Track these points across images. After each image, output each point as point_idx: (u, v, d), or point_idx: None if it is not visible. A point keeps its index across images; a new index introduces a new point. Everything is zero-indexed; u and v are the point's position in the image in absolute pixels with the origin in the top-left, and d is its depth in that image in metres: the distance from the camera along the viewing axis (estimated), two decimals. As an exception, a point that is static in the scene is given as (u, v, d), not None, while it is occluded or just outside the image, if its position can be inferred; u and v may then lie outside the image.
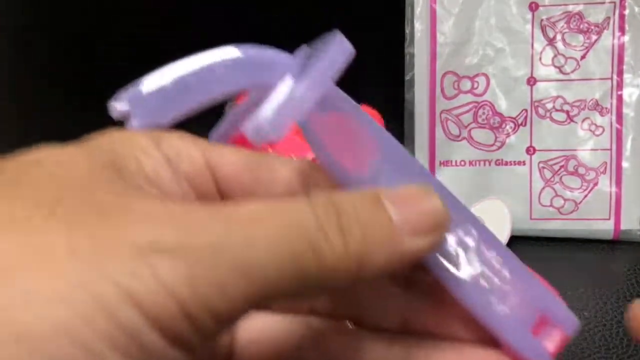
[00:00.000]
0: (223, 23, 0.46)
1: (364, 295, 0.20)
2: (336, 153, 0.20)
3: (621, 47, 0.41)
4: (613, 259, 0.40)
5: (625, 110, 0.41)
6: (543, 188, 0.41)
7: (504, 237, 0.40)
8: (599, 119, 0.41)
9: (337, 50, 0.20)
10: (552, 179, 0.41)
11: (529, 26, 0.41)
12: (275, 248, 0.14)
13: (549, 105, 0.41)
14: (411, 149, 0.43)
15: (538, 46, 0.41)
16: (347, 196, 0.16)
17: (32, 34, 0.50)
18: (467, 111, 0.42)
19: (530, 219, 0.41)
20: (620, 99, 0.41)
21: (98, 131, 0.18)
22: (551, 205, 0.41)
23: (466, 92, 0.42)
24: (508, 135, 0.42)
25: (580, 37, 0.41)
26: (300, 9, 0.46)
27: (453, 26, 0.42)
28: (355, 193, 0.16)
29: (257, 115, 0.17)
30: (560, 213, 0.41)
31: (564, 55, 0.41)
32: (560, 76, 0.41)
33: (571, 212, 0.41)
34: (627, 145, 0.41)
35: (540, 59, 0.41)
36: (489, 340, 0.19)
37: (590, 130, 0.41)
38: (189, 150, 0.18)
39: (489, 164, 0.42)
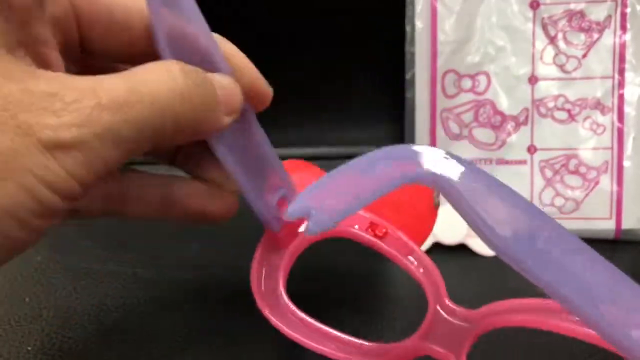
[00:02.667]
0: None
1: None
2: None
3: (623, 46, 0.40)
4: (614, 259, 0.40)
5: (626, 109, 0.41)
6: (544, 187, 0.41)
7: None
8: (600, 118, 0.41)
9: None
10: (553, 178, 0.41)
11: (530, 24, 0.41)
12: (150, 121, 0.20)
13: (550, 104, 0.41)
14: (412, 147, 0.43)
15: (539, 44, 0.41)
16: (196, 78, 0.21)
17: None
18: (468, 110, 0.42)
19: (531, 218, 0.41)
20: (621, 97, 0.41)
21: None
22: (552, 205, 0.41)
23: (467, 91, 0.42)
24: (509, 134, 0.42)
25: (582, 36, 0.41)
26: (300, 8, 0.45)
27: (454, 24, 0.42)
28: (198, 76, 0.21)
29: None
30: (561, 212, 0.41)
31: (565, 54, 0.41)
32: (562, 75, 0.41)
33: (572, 211, 0.41)
34: (629, 144, 0.41)
35: (541, 57, 0.41)
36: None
37: (592, 129, 0.41)
38: None
39: (490, 163, 0.42)
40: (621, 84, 0.41)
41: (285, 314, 0.27)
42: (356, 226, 0.28)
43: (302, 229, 0.28)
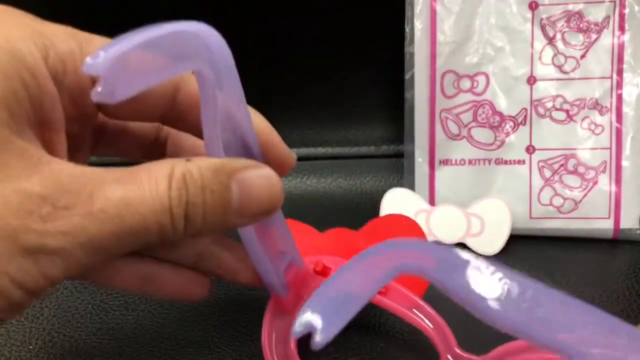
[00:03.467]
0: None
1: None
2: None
3: (621, 46, 0.41)
4: (613, 258, 0.40)
5: (625, 109, 0.41)
6: (543, 187, 0.41)
7: (503, 236, 0.40)
8: (598, 118, 0.41)
9: None
10: (551, 178, 0.41)
11: (529, 25, 0.41)
12: (132, 233, 0.19)
13: (549, 104, 0.41)
14: (411, 148, 0.43)
15: (538, 45, 0.41)
16: (201, 180, 0.20)
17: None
18: (467, 110, 0.42)
19: (530, 218, 0.41)
20: (620, 98, 0.41)
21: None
22: (551, 204, 0.41)
23: (466, 91, 0.42)
24: (508, 134, 0.42)
25: (580, 36, 0.41)
26: (299, 8, 0.46)
27: (453, 25, 0.42)
28: (211, 174, 0.20)
29: None
30: (560, 212, 0.41)
31: (563, 54, 0.41)
32: (560, 75, 0.41)
33: (571, 211, 0.41)
34: (627, 144, 0.41)
35: (540, 58, 0.41)
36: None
37: (590, 129, 0.41)
38: (75, 62, 0.21)
39: (489, 163, 0.42)
40: (619, 85, 0.41)
41: None
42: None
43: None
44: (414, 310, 0.28)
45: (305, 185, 0.47)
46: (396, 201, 0.41)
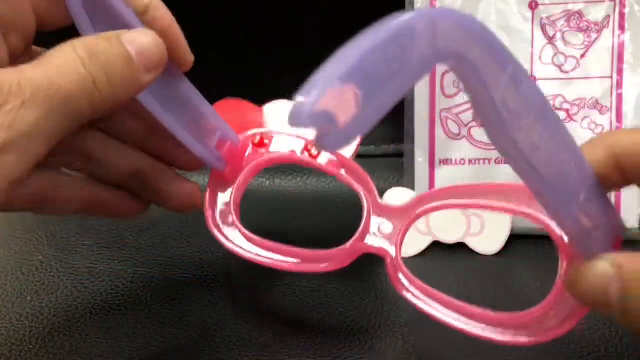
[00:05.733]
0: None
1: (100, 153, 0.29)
2: None
3: (621, 46, 0.41)
4: (613, 258, 0.40)
5: (625, 108, 0.41)
6: (543, 187, 0.41)
7: (503, 236, 0.40)
8: (599, 118, 0.41)
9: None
10: (551, 178, 0.41)
11: (529, 25, 0.41)
12: (68, 111, 0.21)
13: (549, 104, 0.41)
14: (411, 147, 0.43)
15: (538, 45, 0.41)
16: (98, 46, 0.23)
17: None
18: (467, 110, 0.42)
19: (530, 217, 0.41)
20: (620, 97, 0.41)
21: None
22: (551, 204, 0.41)
23: (466, 91, 0.42)
24: (508, 133, 0.42)
25: (580, 36, 0.41)
26: (299, 7, 0.46)
27: (453, 25, 0.42)
28: (104, 42, 0.23)
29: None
30: (560, 212, 0.41)
31: (564, 54, 0.41)
32: (560, 75, 0.41)
33: (571, 210, 0.41)
34: (627, 143, 0.41)
35: (540, 57, 0.41)
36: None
37: (590, 129, 0.41)
38: None
39: (489, 163, 0.42)
40: (619, 84, 0.41)
41: (240, 238, 0.30)
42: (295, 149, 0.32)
43: (252, 152, 0.32)
44: (342, 170, 0.31)
45: (305, 185, 0.47)
46: (396, 200, 0.41)
